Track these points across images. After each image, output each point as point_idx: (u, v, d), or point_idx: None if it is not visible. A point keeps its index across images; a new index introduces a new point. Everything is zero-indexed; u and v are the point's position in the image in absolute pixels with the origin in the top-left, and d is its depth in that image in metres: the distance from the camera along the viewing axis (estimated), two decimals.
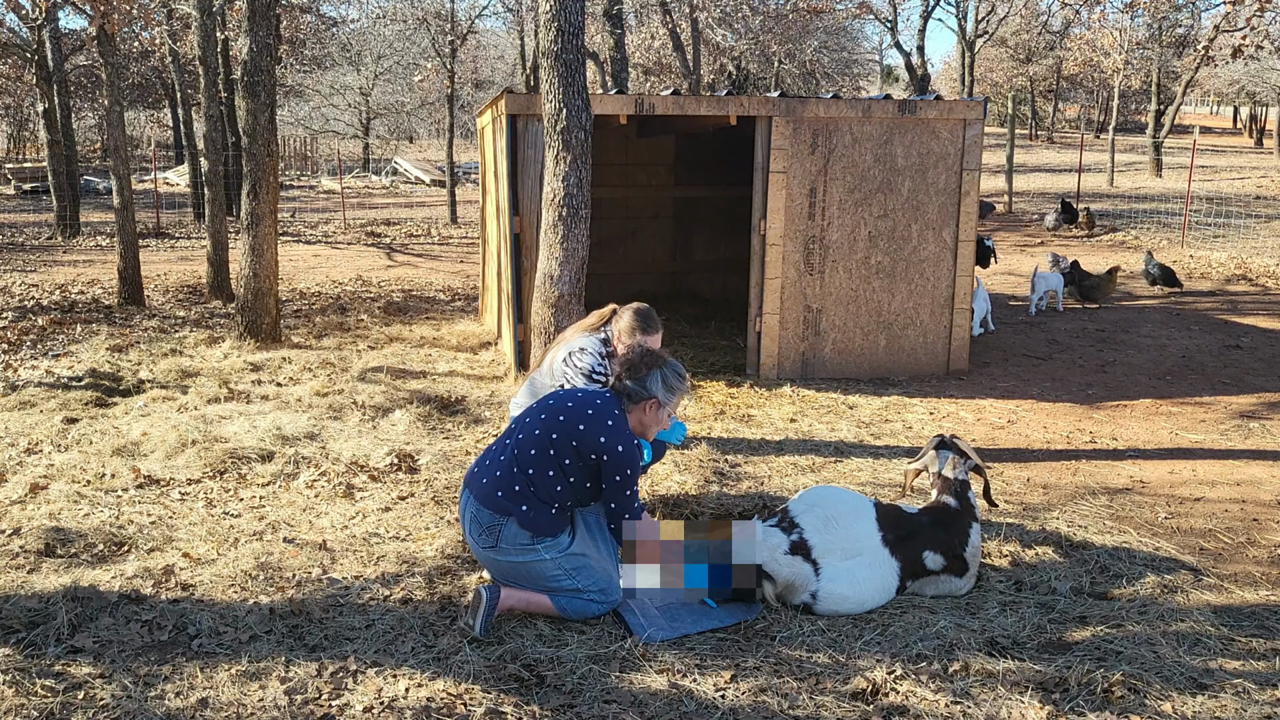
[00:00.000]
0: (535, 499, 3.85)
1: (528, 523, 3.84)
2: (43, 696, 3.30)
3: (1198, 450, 6.27)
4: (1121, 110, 39.88)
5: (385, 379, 7.58)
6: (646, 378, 3.97)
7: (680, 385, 4.03)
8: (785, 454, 6.00)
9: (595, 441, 3.82)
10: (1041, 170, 30.08)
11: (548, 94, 6.03)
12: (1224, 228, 17.23)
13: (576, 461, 3.85)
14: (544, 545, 3.86)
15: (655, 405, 3.98)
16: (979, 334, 9.41)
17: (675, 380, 4.02)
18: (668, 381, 3.99)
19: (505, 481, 3.88)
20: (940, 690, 3.41)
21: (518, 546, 3.85)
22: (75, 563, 4.36)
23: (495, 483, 3.89)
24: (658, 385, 3.97)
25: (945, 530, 4.17)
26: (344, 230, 18.93)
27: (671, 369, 4.03)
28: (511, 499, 3.85)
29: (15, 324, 9.74)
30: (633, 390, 3.97)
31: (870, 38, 48.20)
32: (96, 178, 26.09)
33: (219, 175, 11.52)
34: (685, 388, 4.07)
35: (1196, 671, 3.55)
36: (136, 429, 6.22)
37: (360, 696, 3.36)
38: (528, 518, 3.84)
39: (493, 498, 3.88)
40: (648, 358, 4.05)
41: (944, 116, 7.67)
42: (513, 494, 3.85)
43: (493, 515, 3.87)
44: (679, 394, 4.04)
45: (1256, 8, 17.42)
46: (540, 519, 3.85)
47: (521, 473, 3.86)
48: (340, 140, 35.40)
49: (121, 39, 19.45)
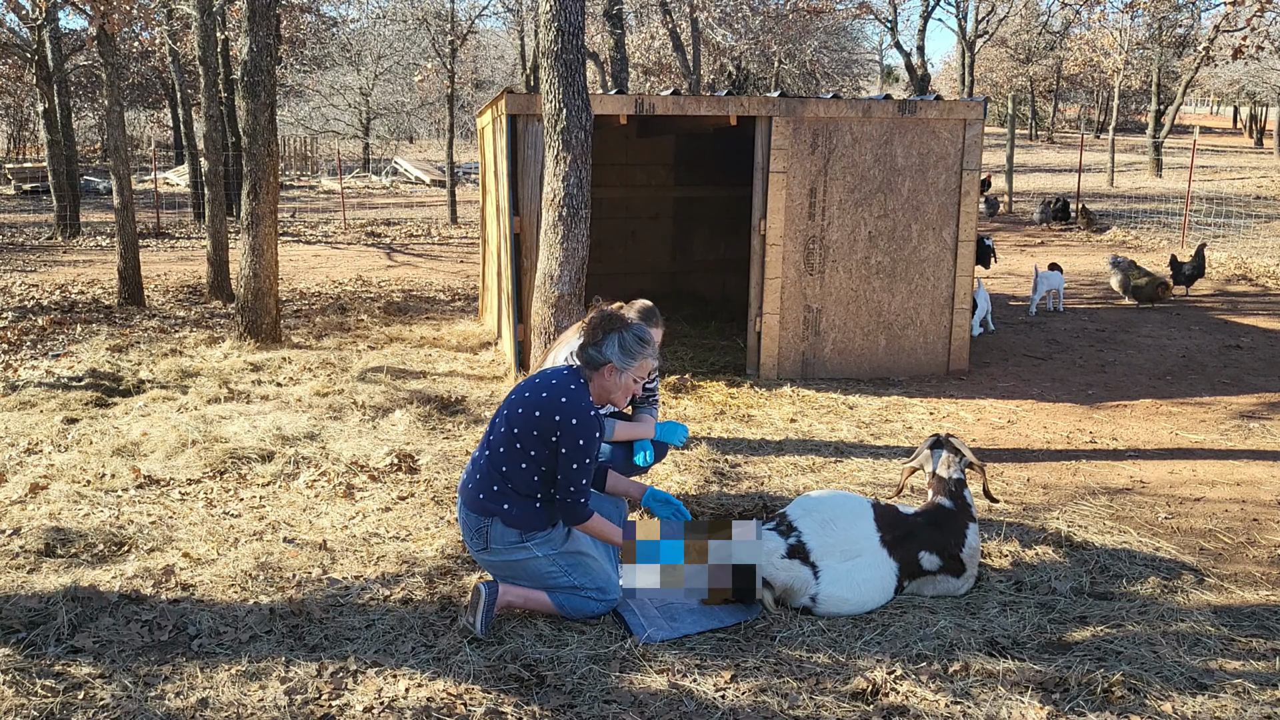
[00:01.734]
0: (516, 495, 3.82)
1: (513, 520, 3.82)
2: (43, 696, 3.30)
3: (1198, 450, 6.27)
4: (1121, 110, 39.89)
5: (385, 379, 7.58)
6: (603, 342, 3.88)
7: (640, 349, 3.89)
8: (785, 454, 6.00)
9: (551, 419, 3.75)
10: (1042, 170, 30.09)
11: (548, 94, 6.03)
12: (1224, 228, 17.23)
13: (542, 448, 3.78)
14: (534, 542, 3.84)
15: (612, 370, 3.87)
16: (979, 334, 9.41)
17: (634, 345, 3.89)
18: (625, 345, 3.87)
19: (485, 483, 3.87)
20: (940, 690, 3.41)
21: (508, 545, 3.84)
22: (75, 563, 4.36)
23: (478, 485, 3.89)
24: (613, 349, 3.86)
25: (941, 531, 4.16)
26: (344, 230, 18.93)
27: (633, 333, 3.91)
28: (493, 499, 3.84)
29: (15, 324, 9.74)
30: (590, 356, 3.89)
31: (870, 38, 48.21)
32: (96, 178, 26.09)
33: (219, 175, 11.52)
34: (647, 352, 3.92)
35: (1197, 671, 3.55)
36: (136, 429, 6.21)
37: (360, 696, 3.36)
38: (511, 515, 3.82)
39: (476, 500, 3.87)
40: (607, 322, 3.93)
41: (944, 116, 7.67)
42: (493, 494, 3.84)
43: (479, 518, 3.86)
44: (639, 358, 3.90)
45: (1257, 8, 17.42)
46: (525, 515, 3.82)
47: (496, 471, 3.84)
48: (340, 140, 35.41)
49: (121, 39, 19.46)
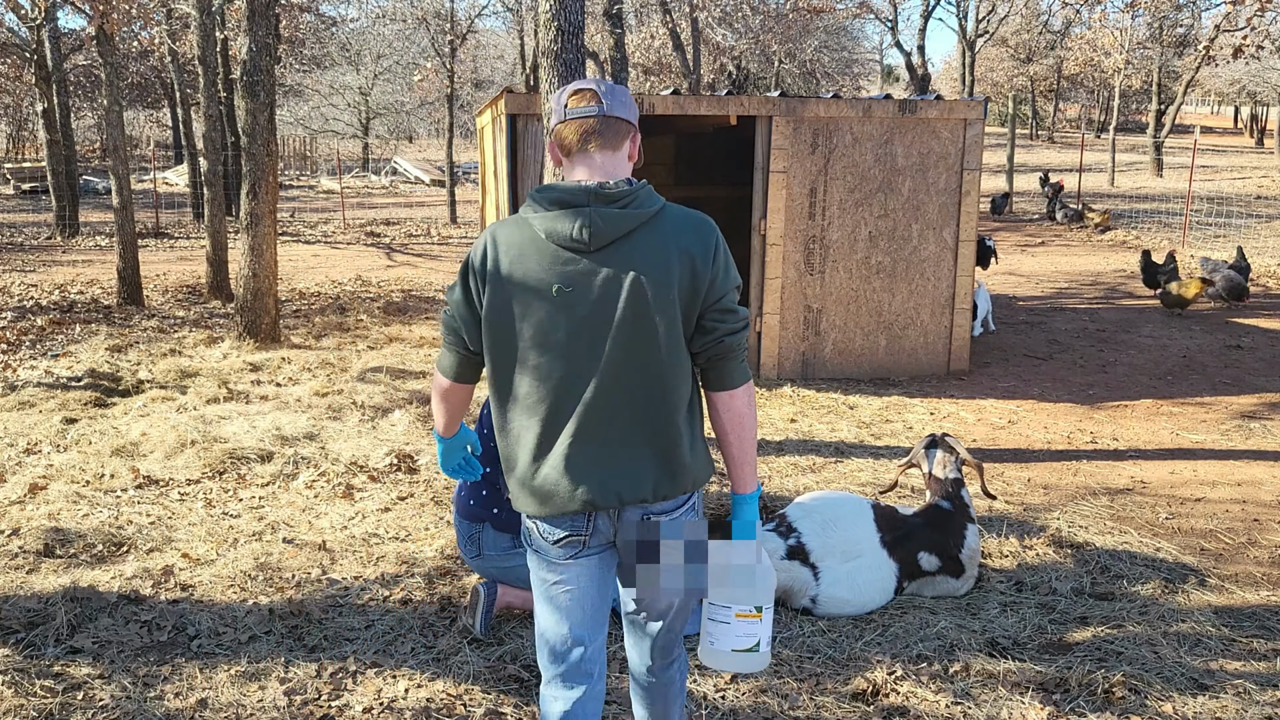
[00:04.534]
0: (504, 498, 3.80)
1: (504, 525, 3.80)
2: (42, 697, 3.30)
3: (1198, 450, 6.26)
4: (1122, 110, 39.87)
5: (385, 379, 7.58)
6: None
7: None
8: (785, 454, 5.99)
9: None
10: (1042, 170, 30.06)
11: (548, 94, 6.02)
12: (1224, 228, 17.23)
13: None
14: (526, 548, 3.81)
15: None
16: (979, 334, 9.40)
17: None
18: None
19: (474, 488, 3.86)
20: (941, 691, 3.40)
21: (500, 551, 3.82)
22: (75, 563, 4.36)
23: (468, 492, 3.88)
24: None
25: (940, 532, 4.16)
26: (343, 230, 18.93)
27: None
28: (481, 504, 3.83)
29: (14, 324, 9.73)
30: None
31: (870, 37, 48.26)
32: (96, 178, 26.08)
33: (218, 175, 11.52)
34: None
35: (1197, 672, 3.54)
36: (136, 429, 6.21)
37: (360, 697, 3.36)
38: (501, 520, 3.81)
39: (467, 506, 3.86)
40: None
41: (944, 116, 7.67)
42: (481, 499, 3.83)
43: (470, 524, 3.85)
44: None
45: (1257, 7, 17.42)
46: (515, 518, 3.79)
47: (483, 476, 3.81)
48: (340, 140, 35.40)
49: (121, 39, 19.45)
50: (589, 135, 2.38)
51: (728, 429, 2.49)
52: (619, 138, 2.40)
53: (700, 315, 2.38)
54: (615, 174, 2.39)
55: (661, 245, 2.34)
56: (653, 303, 2.32)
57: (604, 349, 2.33)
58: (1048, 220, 18.61)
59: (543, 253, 2.33)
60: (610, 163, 2.39)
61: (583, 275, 2.31)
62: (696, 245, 2.36)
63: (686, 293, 2.35)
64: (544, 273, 2.32)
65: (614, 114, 2.39)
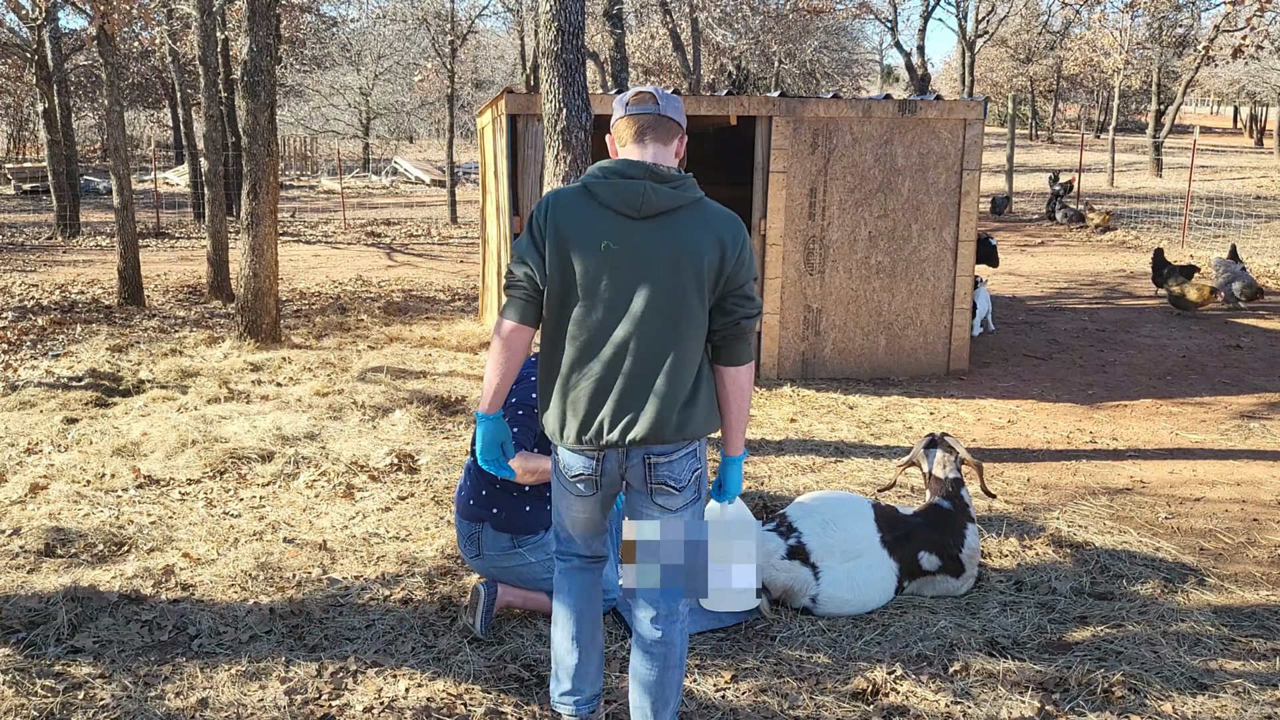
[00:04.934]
0: (504, 496, 3.80)
1: (503, 524, 3.80)
2: (43, 696, 3.30)
3: (1198, 450, 6.27)
4: (1122, 110, 39.90)
5: (385, 379, 7.58)
6: None
7: None
8: (785, 454, 5.99)
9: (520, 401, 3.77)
10: (1042, 170, 30.04)
11: (548, 94, 6.02)
12: (1224, 228, 17.23)
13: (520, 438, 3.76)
14: (526, 547, 3.81)
15: None
16: (979, 334, 9.41)
17: None
18: None
19: (474, 487, 3.85)
20: (940, 690, 3.41)
21: (500, 551, 3.82)
22: (75, 563, 4.36)
23: (468, 492, 3.88)
24: None
25: (940, 531, 4.16)
26: (344, 230, 18.93)
27: None
28: (481, 504, 3.82)
29: (15, 324, 9.74)
30: None
31: (870, 38, 48.27)
32: (96, 178, 26.09)
33: (219, 175, 11.52)
34: None
35: (1197, 672, 3.55)
36: (136, 429, 6.21)
37: (360, 696, 3.36)
38: (501, 519, 3.80)
39: (467, 506, 3.86)
40: None
41: (944, 116, 7.67)
42: (481, 498, 3.83)
43: (470, 524, 3.85)
44: None
45: (1256, 8, 17.43)
46: (514, 518, 3.79)
47: (483, 474, 3.81)
48: (340, 140, 35.39)
49: (121, 39, 19.47)
50: (645, 129, 2.80)
51: (730, 399, 2.88)
52: (670, 135, 2.83)
53: (722, 298, 2.79)
54: (665, 164, 2.80)
55: (699, 226, 2.75)
56: (685, 270, 2.72)
57: (637, 302, 2.72)
58: (1048, 220, 18.64)
59: (596, 214, 2.73)
60: (661, 154, 2.81)
61: (629, 237, 2.72)
62: (727, 234, 2.77)
63: (714, 271, 2.75)
64: (595, 231, 2.72)
65: (667, 114, 2.82)
